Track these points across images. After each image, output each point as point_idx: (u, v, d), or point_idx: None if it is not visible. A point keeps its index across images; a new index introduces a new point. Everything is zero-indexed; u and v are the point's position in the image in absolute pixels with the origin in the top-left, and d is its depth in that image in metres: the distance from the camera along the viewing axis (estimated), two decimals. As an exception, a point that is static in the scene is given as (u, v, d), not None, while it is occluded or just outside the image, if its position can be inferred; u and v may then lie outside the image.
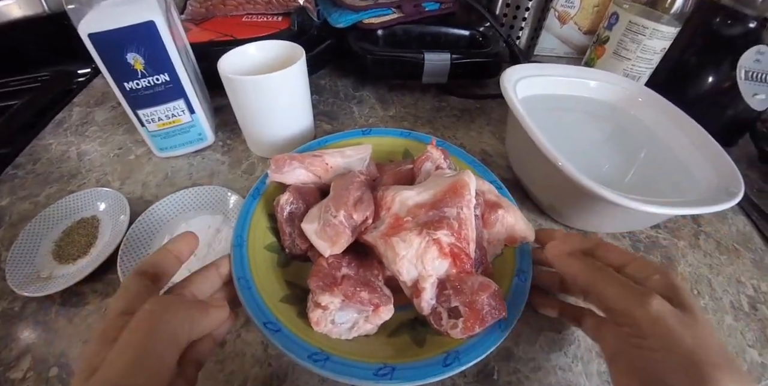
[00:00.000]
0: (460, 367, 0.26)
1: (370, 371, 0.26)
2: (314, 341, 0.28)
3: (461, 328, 0.27)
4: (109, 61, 0.38)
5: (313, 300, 0.28)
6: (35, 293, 0.34)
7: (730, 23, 0.51)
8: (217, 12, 0.58)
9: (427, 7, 0.59)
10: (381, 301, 0.29)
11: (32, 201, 0.44)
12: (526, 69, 0.46)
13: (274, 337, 0.27)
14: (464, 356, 0.27)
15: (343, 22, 0.57)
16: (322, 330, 0.28)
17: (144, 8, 0.37)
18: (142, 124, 0.44)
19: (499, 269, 0.33)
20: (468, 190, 0.31)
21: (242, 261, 0.31)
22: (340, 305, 0.28)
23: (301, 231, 0.33)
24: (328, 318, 0.28)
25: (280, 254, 0.34)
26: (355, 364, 0.26)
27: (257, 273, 0.31)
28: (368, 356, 0.27)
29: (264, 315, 0.28)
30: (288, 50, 0.44)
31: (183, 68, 0.41)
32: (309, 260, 0.34)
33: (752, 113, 0.52)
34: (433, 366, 0.26)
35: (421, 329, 0.30)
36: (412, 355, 0.28)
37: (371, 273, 0.31)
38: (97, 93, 0.61)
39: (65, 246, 0.39)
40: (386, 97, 0.60)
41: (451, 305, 0.28)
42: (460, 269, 0.29)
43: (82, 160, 0.49)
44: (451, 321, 0.28)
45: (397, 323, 0.30)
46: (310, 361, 0.26)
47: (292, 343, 0.27)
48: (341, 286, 0.28)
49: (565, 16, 0.69)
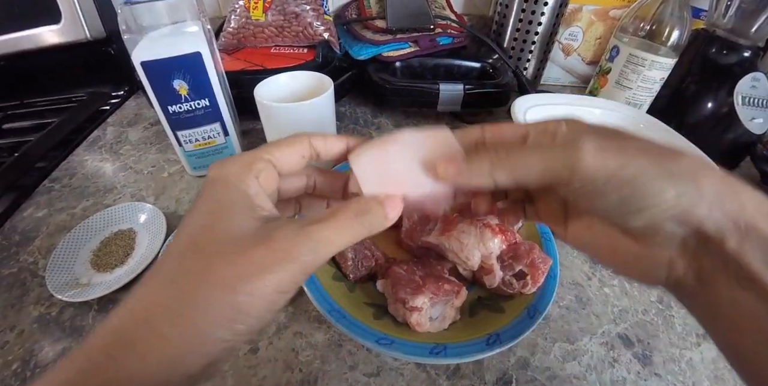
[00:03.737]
0: (500, 347, 0.31)
1: (426, 350, 0.30)
2: (378, 328, 0.31)
3: (531, 284, 0.34)
4: (157, 86, 0.42)
5: (408, 307, 0.31)
6: (74, 298, 0.36)
7: (725, 53, 0.54)
8: (248, 43, 0.62)
9: (441, 41, 0.64)
10: (459, 286, 0.34)
11: (69, 213, 0.47)
12: (535, 99, 0.50)
13: (348, 328, 0.31)
14: (504, 337, 0.32)
15: (364, 55, 0.62)
16: (425, 329, 0.31)
17: (192, 40, 0.41)
18: (180, 144, 0.47)
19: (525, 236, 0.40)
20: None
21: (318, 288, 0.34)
22: (430, 302, 0.32)
23: (363, 255, 0.37)
24: (425, 317, 0.31)
25: (344, 281, 0.37)
26: (415, 344, 0.30)
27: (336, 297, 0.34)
28: (424, 338, 0.31)
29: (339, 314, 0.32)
30: (317, 80, 0.48)
31: (221, 94, 0.45)
32: (374, 278, 0.37)
33: (751, 136, 0.55)
34: (479, 345, 0.31)
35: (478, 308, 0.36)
36: (460, 337, 0.32)
37: (436, 270, 0.36)
38: (130, 114, 0.65)
39: (103, 255, 0.41)
40: (403, 124, 0.64)
41: (515, 270, 0.35)
42: (510, 241, 0.36)
43: (117, 176, 0.52)
44: (521, 281, 0.35)
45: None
46: (379, 345, 0.30)
47: (361, 330, 0.31)
48: (427, 286, 0.32)
49: (569, 48, 0.74)
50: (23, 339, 0.35)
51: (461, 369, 0.33)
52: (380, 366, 0.33)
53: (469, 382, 0.33)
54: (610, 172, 0.18)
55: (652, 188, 0.18)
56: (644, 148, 0.19)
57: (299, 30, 0.61)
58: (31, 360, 0.33)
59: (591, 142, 0.19)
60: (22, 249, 0.42)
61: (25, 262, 0.41)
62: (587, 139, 0.19)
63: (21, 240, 0.43)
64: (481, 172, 0.21)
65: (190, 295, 0.17)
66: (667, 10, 0.53)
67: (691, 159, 0.19)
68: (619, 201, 0.19)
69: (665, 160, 0.18)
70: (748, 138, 0.55)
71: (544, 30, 0.66)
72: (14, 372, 0.32)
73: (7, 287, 0.39)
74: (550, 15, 0.64)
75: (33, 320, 0.36)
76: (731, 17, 0.53)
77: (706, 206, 0.18)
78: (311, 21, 0.61)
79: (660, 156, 0.19)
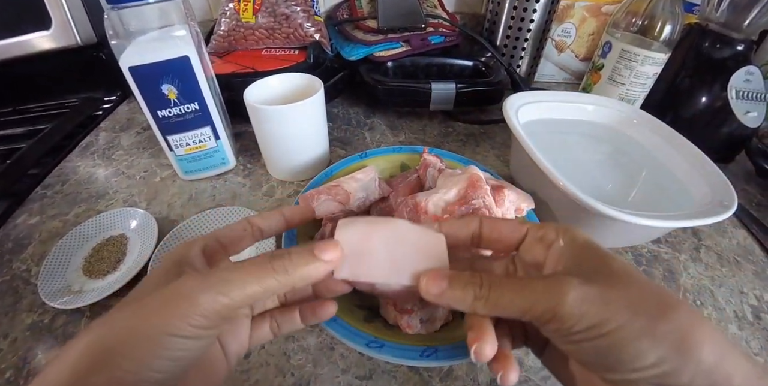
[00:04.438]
0: None
1: (417, 352, 0.29)
2: (369, 331, 0.31)
3: None
4: (146, 91, 0.41)
5: (398, 309, 0.31)
6: (66, 305, 0.36)
7: (719, 47, 0.54)
8: (239, 46, 0.62)
9: (433, 40, 0.63)
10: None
11: (61, 219, 0.47)
12: (527, 96, 0.50)
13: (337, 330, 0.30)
14: None
15: (355, 55, 0.61)
16: (415, 331, 0.31)
17: (179, 44, 0.41)
18: (171, 149, 0.47)
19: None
20: (483, 181, 0.35)
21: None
22: (421, 304, 0.31)
23: None
24: (416, 319, 0.31)
25: None
26: (405, 347, 0.30)
27: None
28: (415, 341, 0.31)
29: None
30: (307, 82, 0.48)
31: (211, 97, 0.45)
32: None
33: (746, 130, 0.54)
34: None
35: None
36: (452, 339, 0.31)
37: None
38: (122, 119, 0.65)
39: (95, 262, 0.41)
40: (396, 124, 0.64)
41: None
42: None
43: (109, 182, 0.52)
44: None
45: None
46: (369, 348, 0.29)
47: (351, 334, 0.30)
48: None
49: (562, 44, 0.74)
50: (16, 346, 0.35)
51: (454, 371, 0.33)
52: (373, 369, 0.33)
53: (462, 384, 0.32)
54: (590, 324, 0.18)
55: (632, 349, 0.17)
56: (633, 299, 0.18)
57: (290, 32, 0.61)
58: (25, 368, 0.33)
59: (575, 291, 0.18)
60: (14, 256, 0.42)
61: (18, 270, 0.41)
62: (572, 286, 0.18)
63: (14, 248, 0.43)
64: (462, 301, 0.21)
65: (88, 343, 0.18)
66: (659, 5, 0.53)
67: (683, 315, 0.18)
68: (596, 354, 0.18)
69: (653, 316, 0.18)
70: (743, 132, 0.55)
71: (537, 27, 0.66)
72: (7, 380, 0.32)
73: (0, 295, 0.39)
74: (542, 12, 0.64)
75: (26, 327, 0.36)
76: (724, 11, 0.53)
77: (689, 374, 0.17)
78: (302, 22, 0.61)
79: (647, 312, 0.18)
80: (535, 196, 0.44)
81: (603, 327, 0.18)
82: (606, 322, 0.17)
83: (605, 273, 0.19)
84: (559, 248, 0.22)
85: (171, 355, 0.17)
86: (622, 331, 0.17)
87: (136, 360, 0.17)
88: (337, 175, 0.44)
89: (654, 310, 0.18)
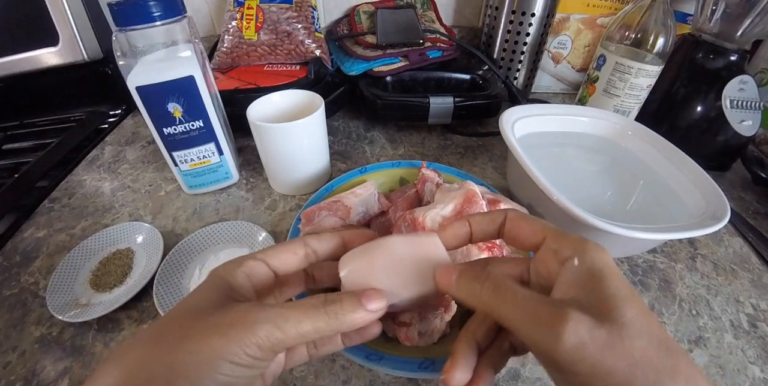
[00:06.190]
0: None
1: (415, 364, 0.30)
2: (368, 343, 0.31)
3: None
4: (152, 109, 0.43)
5: (397, 322, 0.32)
6: (74, 319, 0.37)
7: (712, 57, 0.55)
8: (242, 62, 0.64)
9: (431, 54, 0.65)
10: (448, 301, 0.33)
11: (68, 233, 0.48)
12: (523, 110, 0.51)
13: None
14: None
15: (355, 70, 0.63)
16: (414, 344, 0.31)
17: (185, 64, 0.42)
18: (176, 164, 0.48)
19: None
20: (479, 197, 0.36)
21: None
22: (419, 317, 0.32)
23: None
24: (414, 331, 0.32)
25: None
26: (403, 360, 0.31)
27: None
28: (413, 353, 0.31)
29: None
30: (308, 98, 0.49)
31: (215, 114, 0.46)
32: None
33: (741, 138, 0.55)
34: None
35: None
36: (447, 352, 0.31)
37: None
38: (127, 133, 0.67)
39: (102, 275, 0.42)
40: (395, 137, 0.65)
41: None
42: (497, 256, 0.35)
43: (115, 195, 0.53)
44: None
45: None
46: (368, 361, 0.30)
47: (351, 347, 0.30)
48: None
49: (558, 56, 0.75)
50: (25, 359, 0.35)
51: (453, 382, 0.34)
52: (373, 380, 0.34)
53: (461, 395, 0.33)
54: (584, 368, 0.17)
55: None
56: (636, 351, 0.18)
57: (291, 48, 0.63)
58: (33, 380, 0.34)
59: (577, 333, 0.17)
60: (23, 270, 0.43)
61: (26, 283, 0.42)
62: (576, 328, 0.18)
63: (22, 261, 0.44)
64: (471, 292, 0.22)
65: (141, 355, 0.18)
66: (651, 18, 0.54)
67: (681, 378, 0.17)
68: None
69: (652, 375, 0.17)
70: (738, 140, 0.56)
71: (533, 40, 0.67)
72: (16, 393, 0.33)
73: (8, 308, 0.39)
74: (538, 25, 0.66)
75: (34, 340, 0.37)
76: (717, 21, 0.54)
77: None
78: (303, 39, 0.62)
79: (645, 371, 0.17)
80: (532, 209, 0.45)
81: (597, 377, 0.17)
82: (604, 375, 0.17)
83: (616, 319, 0.18)
84: (573, 269, 0.20)
85: (222, 380, 0.18)
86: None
87: (191, 380, 0.17)
88: (337, 190, 0.45)
89: (655, 370, 0.17)
